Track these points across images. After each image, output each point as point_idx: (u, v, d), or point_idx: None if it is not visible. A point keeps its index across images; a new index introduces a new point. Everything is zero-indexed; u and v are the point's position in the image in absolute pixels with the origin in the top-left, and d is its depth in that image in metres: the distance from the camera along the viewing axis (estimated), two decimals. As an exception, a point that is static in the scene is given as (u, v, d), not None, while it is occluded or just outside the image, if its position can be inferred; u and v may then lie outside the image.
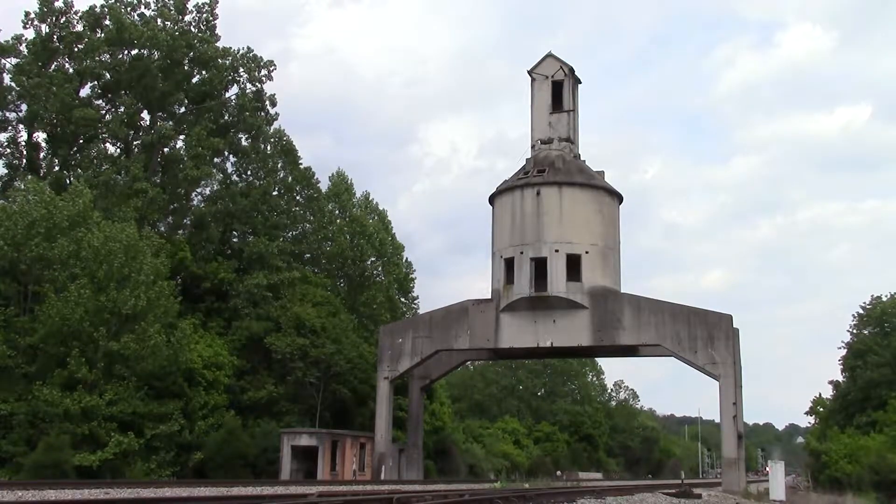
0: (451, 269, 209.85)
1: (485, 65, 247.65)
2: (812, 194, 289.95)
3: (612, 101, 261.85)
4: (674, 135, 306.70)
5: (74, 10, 52.08)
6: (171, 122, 53.80)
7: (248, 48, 55.56)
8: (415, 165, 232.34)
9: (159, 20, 52.76)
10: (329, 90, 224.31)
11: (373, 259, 63.68)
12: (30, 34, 51.11)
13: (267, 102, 56.64)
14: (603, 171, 45.24)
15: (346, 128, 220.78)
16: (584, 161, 45.66)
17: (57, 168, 51.85)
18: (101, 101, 53.72)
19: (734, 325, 40.33)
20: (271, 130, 57.97)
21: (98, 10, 51.80)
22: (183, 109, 55.40)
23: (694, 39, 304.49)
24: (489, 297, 44.18)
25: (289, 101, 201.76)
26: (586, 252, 41.96)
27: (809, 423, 75.34)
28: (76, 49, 51.61)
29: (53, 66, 51.69)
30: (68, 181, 49.04)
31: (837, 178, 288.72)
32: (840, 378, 65.54)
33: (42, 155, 52.99)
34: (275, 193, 57.89)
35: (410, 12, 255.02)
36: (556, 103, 45.53)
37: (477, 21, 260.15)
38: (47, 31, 51.52)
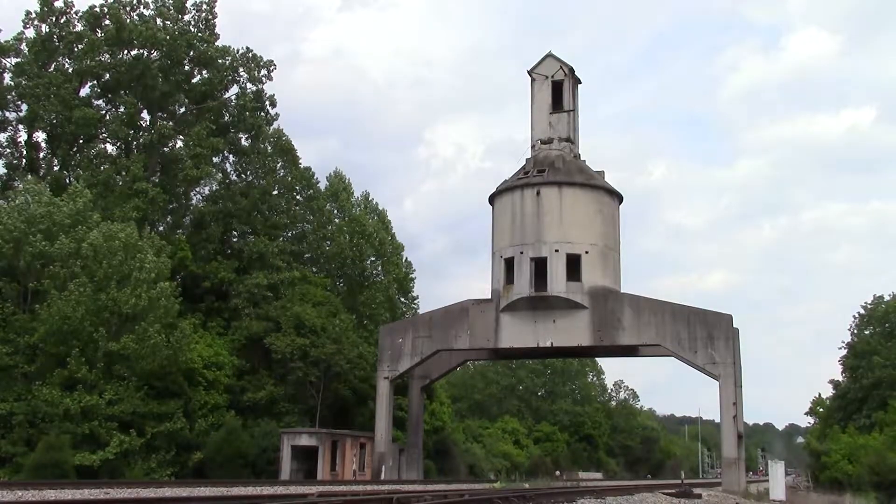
0: (455, 269, 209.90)
1: (491, 67, 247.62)
2: (816, 196, 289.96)
3: (617, 103, 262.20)
4: (679, 137, 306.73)
5: (74, 10, 52.17)
6: (171, 122, 53.79)
7: (248, 48, 55.67)
8: (422, 167, 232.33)
9: (158, 20, 52.77)
10: (337, 92, 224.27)
11: (372, 259, 63.73)
12: (30, 34, 51.23)
13: (267, 102, 56.64)
14: (603, 171, 45.24)
15: (353, 130, 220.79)
16: (585, 161, 45.66)
17: (57, 168, 51.87)
18: (101, 101, 53.73)
19: (734, 325, 40.33)
20: (271, 130, 58.00)
21: (98, 10, 51.80)
22: (183, 109, 55.41)
23: (700, 42, 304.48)
24: (489, 297, 44.16)
25: (297, 104, 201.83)
26: (586, 252, 41.93)
27: (809, 423, 75.42)
28: (76, 49, 51.60)
29: (53, 66, 51.68)
30: (68, 181, 49.08)
31: (841, 180, 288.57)
32: (840, 378, 65.59)
33: (42, 155, 53.01)
34: (274, 193, 57.96)
35: (418, 15, 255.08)
36: (556, 103, 45.50)
37: (484, 23, 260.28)
38: (47, 30, 51.54)
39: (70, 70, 51.90)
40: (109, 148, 53.57)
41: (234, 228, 55.14)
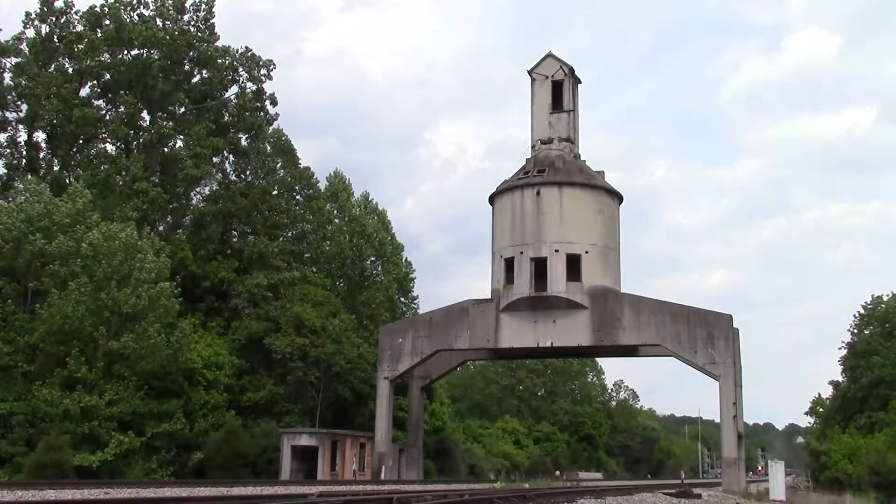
0: (455, 269, 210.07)
1: (491, 67, 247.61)
2: (816, 196, 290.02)
3: (617, 103, 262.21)
4: (679, 137, 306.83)
5: (74, 10, 52.21)
6: (171, 122, 53.78)
7: (247, 48, 55.65)
8: (423, 167, 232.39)
9: (158, 20, 52.80)
10: (338, 92, 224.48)
11: (372, 259, 63.77)
12: (30, 34, 51.26)
13: (267, 101, 56.62)
14: (603, 171, 45.22)
15: (353, 130, 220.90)
16: (585, 161, 45.66)
17: (57, 168, 51.89)
18: (101, 101, 53.73)
19: (734, 325, 40.32)
20: (270, 130, 58.01)
21: (98, 10, 51.82)
22: (183, 109, 55.40)
23: (700, 42, 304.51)
24: (489, 297, 44.15)
25: (298, 104, 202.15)
26: (586, 252, 41.91)
27: (809, 423, 75.52)
28: (76, 49, 51.61)
29: (53, 66, 51.71)
30: (68, 181, 49.09)
31: (842, 180, 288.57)
32: (840, 378, 65.65)
33: (42, 155, 53.03)
34: (274, 193, 57.97)
35: (418, 15, 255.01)
36: (556, 103, 45.46)
37: (484, 23, 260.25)
38: (47, 31, 51.58)
39: (70, 70, 51.92)
40: (109, 148, 53.61)
41: (234, 228, 55.14)
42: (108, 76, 52.77)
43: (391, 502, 18.81)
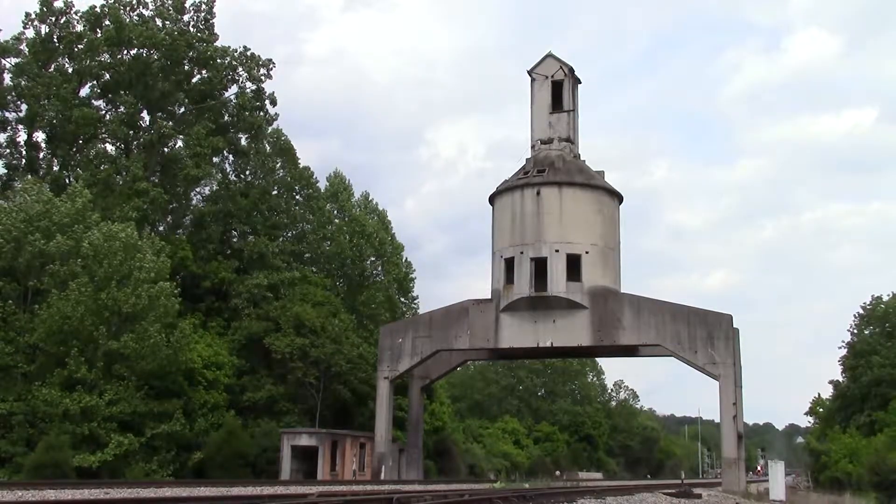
0: (455, 269, 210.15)
1: (491, 67, 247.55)
2: (817, 196, 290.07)
3: (617, 103, 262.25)
4: (679, 137, 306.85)
5: (74, 10, 52.19)
6: (170, 122, 53.78)
7: (245, 47, 55.62)
8: (423, 167, 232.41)
9: (158, 20, 52.80)
10: (338, 93, 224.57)
11: (372, 259, 63.77)
12: (30, 34, 51.25)
13: (267, 101, 56.60)
14: (603, 171, 45.21)
15: (354, 130, 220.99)
16: (585, 161, 45.66)
17: (56, 168, 51.88)
18: (101, 101, 53.71)
19: (734, 325, 40.32)
20: (270, 130, 58.01)
21: (98, 10, 51.81)
22: (183, 109, 55.39)
23: (700, 42, 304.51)
24: (489, 297, 44.15)
25: (298, 104, 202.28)
26: (586, 252, 41.90)
27: (809, 423, 75.53)
28: (76, 49, 51.61)
29: (53, 66, 51.70)
30: (68, 181, 49.09)
31: (842, 180, 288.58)
32: (840, 378, 65.65)
33: (42, 155, 53.02)
34: (274, 193, 57.97)
35: (419, 15, 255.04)
36: (556, 103, 45.44)
37: (484, 23, 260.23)
38: (47, 31, 51.56)
39: (70, 70, 51.90)
40: (109, 148, 53.54)
41: (234, 228, 55.14)
42: (107, 76, 52.73)
43: (391, 502, 18.82)
